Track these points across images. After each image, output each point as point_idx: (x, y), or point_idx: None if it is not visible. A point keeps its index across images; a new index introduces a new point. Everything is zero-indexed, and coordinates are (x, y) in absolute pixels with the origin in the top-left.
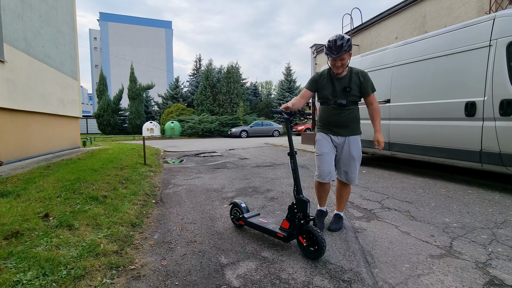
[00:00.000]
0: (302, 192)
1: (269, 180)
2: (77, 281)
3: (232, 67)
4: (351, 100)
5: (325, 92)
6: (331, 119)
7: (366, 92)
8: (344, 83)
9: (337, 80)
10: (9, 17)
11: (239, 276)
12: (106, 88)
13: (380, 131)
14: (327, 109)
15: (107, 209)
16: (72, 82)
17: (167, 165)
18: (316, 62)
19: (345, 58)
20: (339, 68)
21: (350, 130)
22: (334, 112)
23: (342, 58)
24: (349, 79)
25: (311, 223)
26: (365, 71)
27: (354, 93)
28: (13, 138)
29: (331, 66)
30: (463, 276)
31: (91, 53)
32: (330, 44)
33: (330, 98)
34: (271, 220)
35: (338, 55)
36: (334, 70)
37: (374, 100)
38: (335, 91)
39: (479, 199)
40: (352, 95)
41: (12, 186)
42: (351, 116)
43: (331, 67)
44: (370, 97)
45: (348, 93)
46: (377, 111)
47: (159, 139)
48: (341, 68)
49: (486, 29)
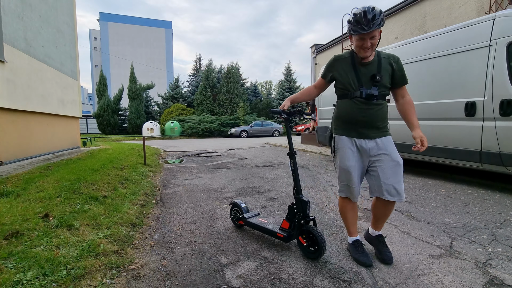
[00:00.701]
0: (302, 192)
1: (269, 180)
2: (77, 281)
3: (232, 67)
4: (381, 92)
5: (345, 81)
6: (356, 117)
7: (400, 82)
8: (372, 70)
9: (362, 67)
10: (9, 17)
11: (239, 276)
12: (106, 88)
13: (419, 127)
14: (350, 104)
15: (107, 209)
16: (72, 82)
17: (167, 165)
18: (316, 62)
19: (376, 36)
20: (368, 50)
21: (381, 131)
22: (361, 108)
23: (373, 35)
24: (378, 65)
25: (311, 223)
26: (396, 55)
27: (385, 83)
28: (13, 138)
29: (357, 48)
30: (463, 276)
31: (91, 53)
32: (357, 18)
33: (354, 89)
34: (271, 220)
35: (370, 31)
36: (361, 54)
37: (407, 92)
38: (360, 80)
39: (479, 199)
40: (382, 86)
41: (12, 186)
42: (381, 113)
43: (357, 50)
44: (402, 88)
45: (377, 83)
46: (412, 103)
47: (159, 139)
48: (370, 50)
49: (486, 29)
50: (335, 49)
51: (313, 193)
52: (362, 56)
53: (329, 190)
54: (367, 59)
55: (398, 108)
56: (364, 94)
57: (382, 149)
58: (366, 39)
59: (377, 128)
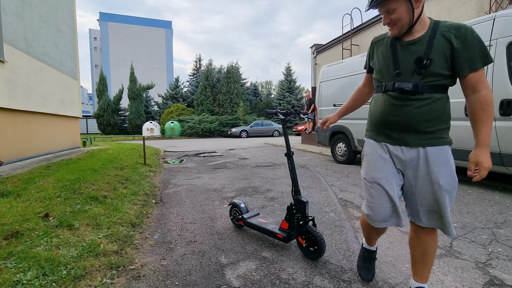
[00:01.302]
0: (300, 193)
1: (269, 180)
2: (77, 281)
3: (232, 67)
4: (427, 83)
5: (379, 68)
6: (385, 117)
7: (464, 66)
8: (419, 50)
9: (404, 47)
10: (9, 17)
11: (239, 276)
12: (106, 88)
13: (484, 145)
14: (382, 99)
15: (107, 209)
16: (72, 82)
17: (167, 165)
18: (316, 62)
19: (397, 9)
20: (393, 28)
21: (428, 136)
22: (394, 104)
23: (387, 8)
24: (428, 44)
25: (310, 223)
26: (467, 26)
27: (437, 69)
28: (13, 138)
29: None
30: (463, 276)
31: (91, 53)
32: None
33: (387, 79)
34: (270, 220)
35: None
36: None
37: (481, 83)
38: (398, 66)
39: (479, 199)
40: (432, 74)
41: (12, 186)
42: (426, 111)
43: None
44: (472, 76)
45: (424, 69)
46: (485, 103)
47: (159, 139)
48: (396, 27)
49: (486, 29)
50: (335, 49)
51: (313, 193)
52: (395, 33)
53: (329, 190)
54: (410, 36)
55: (466, 106)
56: (397, 86)
57: (422, 163)
58: (384, 14)
59: (420, 132)
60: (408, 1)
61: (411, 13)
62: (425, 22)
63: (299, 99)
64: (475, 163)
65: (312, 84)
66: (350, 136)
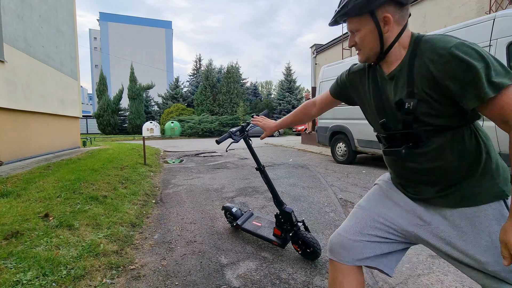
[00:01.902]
0: (282, 203)
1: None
2: (77, 281)
3: (232, 67)
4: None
5: (365, 112)
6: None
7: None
8: (398, 87)
9: (384, 83)
10: (9, 17)
11: (239, 276)
12: (106, 88)
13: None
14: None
15: (107, 209)
16: (72, 82)
17: (167, 165)
18: (316, 62)
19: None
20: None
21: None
22: (391, 158)
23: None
24: (408, 76)
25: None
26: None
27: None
28: (13, 138)
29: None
30: (463, 276)
31: (91, 53)
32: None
33: (377, 129)
34: (264, 221)
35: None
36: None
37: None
38: (383, 112)
39: None
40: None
41: (12, 186)
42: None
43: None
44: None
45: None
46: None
47: (159, 139)
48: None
49: (486, 29)
50: (335, 49)
51: (313, 193)
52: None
53: (329, 190)
54: (388, 65)
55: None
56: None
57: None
58: (350, 33)
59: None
60: (375, 22)
61: (377, 38)
62: (406, 44)
63: (299, 99)
64: (506, 243)
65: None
66: (350, 136)
